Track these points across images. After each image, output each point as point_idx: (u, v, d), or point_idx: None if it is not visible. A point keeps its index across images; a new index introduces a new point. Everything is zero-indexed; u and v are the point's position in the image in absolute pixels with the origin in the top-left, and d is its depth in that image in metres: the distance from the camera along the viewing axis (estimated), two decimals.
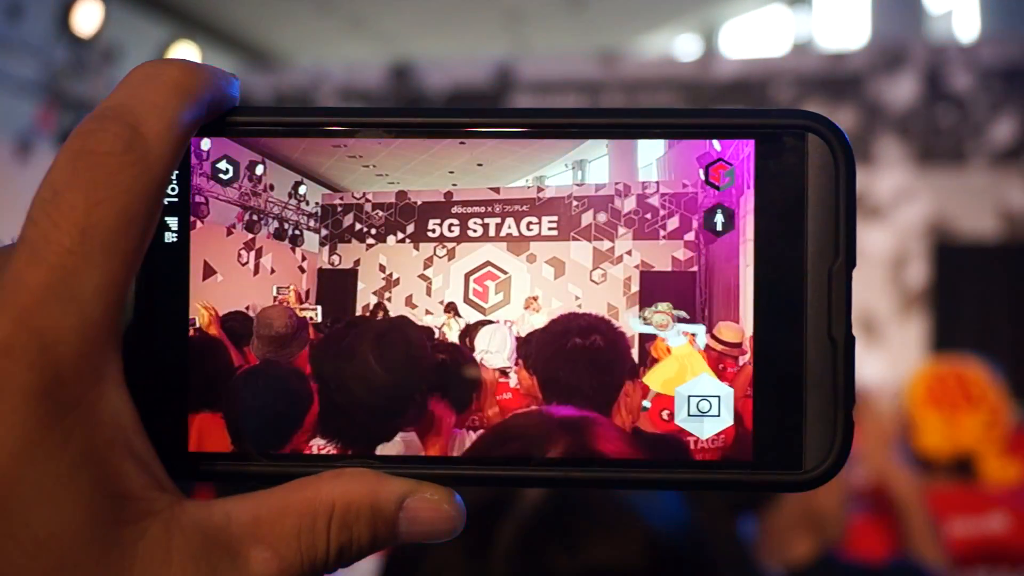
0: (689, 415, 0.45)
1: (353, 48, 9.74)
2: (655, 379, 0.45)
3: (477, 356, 0.46)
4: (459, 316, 0.47)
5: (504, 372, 0.46)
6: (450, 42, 9.62)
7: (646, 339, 0.46)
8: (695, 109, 0.46)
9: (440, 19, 9.18)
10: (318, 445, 0.45)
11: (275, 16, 9.18)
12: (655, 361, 0.45)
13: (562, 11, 8.87)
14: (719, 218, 0.46)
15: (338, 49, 9.82)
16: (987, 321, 6.54)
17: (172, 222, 0.45)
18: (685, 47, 10.29)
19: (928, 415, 2.97)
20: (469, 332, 0.47)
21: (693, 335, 0.45)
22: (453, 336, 0.46)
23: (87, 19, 6.67)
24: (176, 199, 0.45)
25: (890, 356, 6.41)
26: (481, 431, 0.45)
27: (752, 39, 9.89)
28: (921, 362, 5.95)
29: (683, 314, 0.45)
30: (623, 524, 0.98)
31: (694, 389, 0.45)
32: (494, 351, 0.46)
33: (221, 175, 0.46)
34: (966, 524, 2.67)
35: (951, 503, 2.65)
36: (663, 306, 0.46)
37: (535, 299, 0.47)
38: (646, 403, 0.45)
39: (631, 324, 0.46)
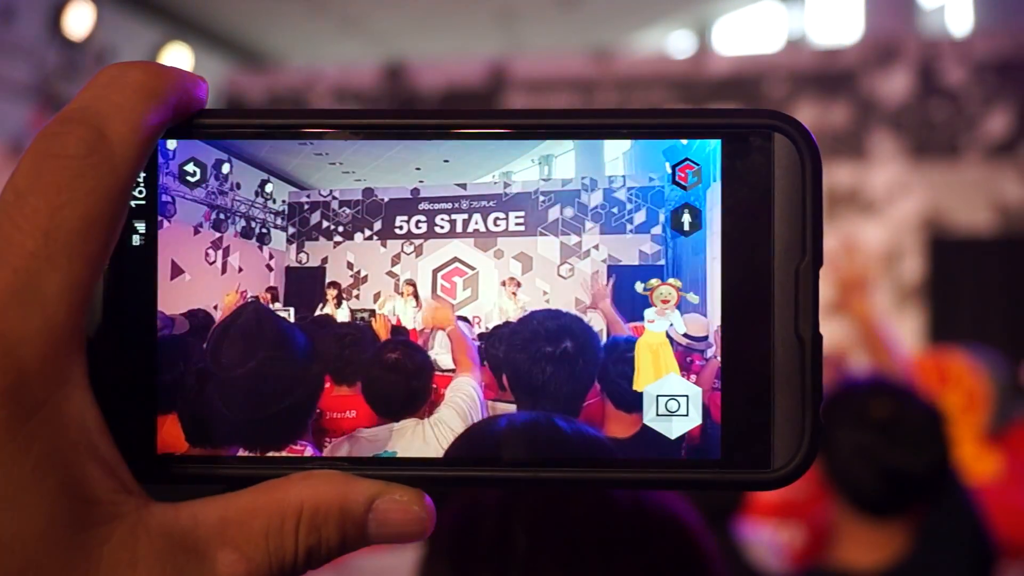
0: (657, 415, 0.45)
1: (346, 48, 9.74)
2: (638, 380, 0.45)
3: (432, 356, 0.46)
4: (417, 297, 0.47)
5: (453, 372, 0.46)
6: (443, 41, 9.61)
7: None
8: (662, 109, 0.46)
9: (433, 18, 9.18)
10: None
11: (267, 17, 9.16)
12: (629, 360, 0.45)
13: (555, 9, 8.86)
14: (686, 218, 0.46)
15: (331, 49, 9.81)
16: (983, 314, 6.55)
17: (139, 225, 0.45)
18: (678, 44, 10.29)
19: None
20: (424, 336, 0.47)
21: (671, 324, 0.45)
22: (407, 316, 0.46)
23: (79, 22, 6.66)
24: (143, 201, 0.45)
25: None
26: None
27: (745, 35, 9.89)
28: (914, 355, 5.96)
29: (693, 297, 0.45)
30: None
31: (662, 389, 0.45)
32: (445, 352, 0.46)
33: (188, 176, 0.46)
34: None
35: None
36: (673, 280, 0.45)
37: (513, 279, 0.47)
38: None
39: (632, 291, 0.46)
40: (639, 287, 0.46)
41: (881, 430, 1.91)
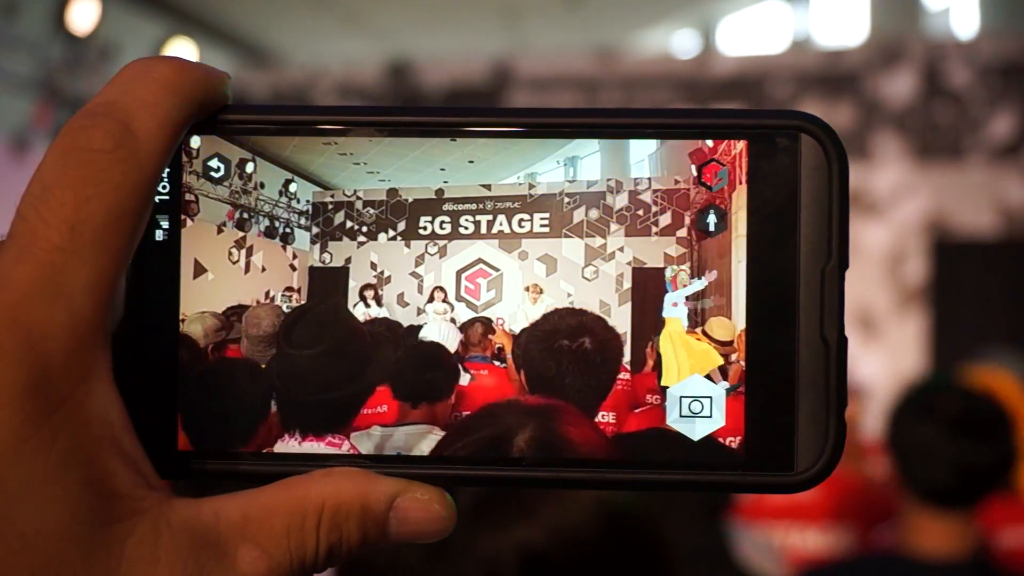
0: (681, 416, 0.45)
1: (350, 45, 9.72)
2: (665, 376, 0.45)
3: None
4: (448, 302, 0.47)
5: None
6: (447, 39, 9.61)
7: (641, 337, 0.46)
8: (688, 109, 0.46)
9: (437, 16, 9.18)
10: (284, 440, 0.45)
11: (272, 13, 9.16)
12: (653, 358, 0.45)
13: (559, 7, 8.86)
14: (711, 218, 0.46)
15: (335, 46, 9.80)
16: (986, 318, 6.54)
17: (163, 220, 0.45)
18: (683, 44, 10.28)
19: None
20: (413, 329, 0.47)
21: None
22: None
23: (83, 16, 6.66)
24: (167, 197, 0.45)
25: (888, 353, 6.42)
26: (453, 424, 0.45)
27: (750, 35, 9.89)
28: (922, 363, 5.95)
29: (699, 284, 0.45)
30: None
31: (686, 389, 0.45)
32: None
33: (212, 173, 0.46)
34: (1014, 535, 2.67)
35: (998, 514, 2.63)
36: (686, 266, 0.46)
37: (536, 286, 0.47)
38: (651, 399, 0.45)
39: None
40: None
41: (950, 425, 1.95)
